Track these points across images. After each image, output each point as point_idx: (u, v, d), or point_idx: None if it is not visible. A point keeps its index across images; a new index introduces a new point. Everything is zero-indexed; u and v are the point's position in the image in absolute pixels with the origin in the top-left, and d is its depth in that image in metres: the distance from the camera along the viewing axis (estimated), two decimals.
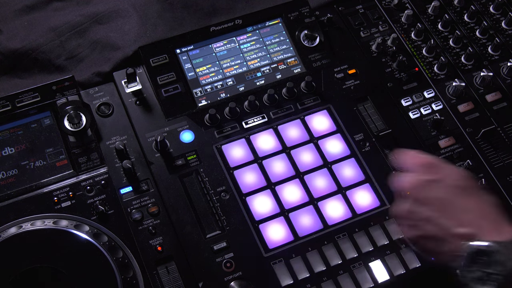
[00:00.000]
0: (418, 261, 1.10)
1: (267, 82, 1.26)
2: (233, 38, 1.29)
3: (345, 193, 1.16)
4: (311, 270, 1.08)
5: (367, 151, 1.20)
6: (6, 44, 1.30)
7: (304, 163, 1.18)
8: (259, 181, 1.16)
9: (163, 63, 1.24)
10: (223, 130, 1.20)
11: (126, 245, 1.07)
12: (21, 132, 1.15)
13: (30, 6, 1.38)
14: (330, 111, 1.24)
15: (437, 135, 1.23)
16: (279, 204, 1.14)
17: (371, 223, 1.13)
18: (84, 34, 1.33)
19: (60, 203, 1.09)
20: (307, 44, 1.29)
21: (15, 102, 1.16)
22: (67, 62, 1.31)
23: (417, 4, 1.39)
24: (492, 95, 1.28)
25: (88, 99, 1.21)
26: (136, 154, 1.16)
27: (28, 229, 1.01)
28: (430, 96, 1.28)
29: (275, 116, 1.22)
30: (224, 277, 1.07)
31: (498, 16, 1.38)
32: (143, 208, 1.11)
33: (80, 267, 1.00)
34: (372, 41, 1.33)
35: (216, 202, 1.13)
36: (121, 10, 1.35)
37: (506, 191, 1.18)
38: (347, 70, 1.29)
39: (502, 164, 1.21)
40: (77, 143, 1.14)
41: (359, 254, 1.10)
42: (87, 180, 1.12)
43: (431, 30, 1.36)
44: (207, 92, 1.24)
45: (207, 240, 1.09)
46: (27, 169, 1.12)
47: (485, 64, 1.32)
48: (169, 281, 1.06)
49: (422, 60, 1.32)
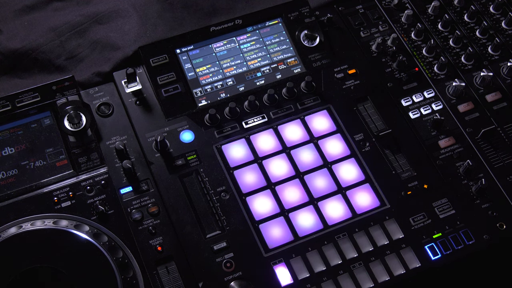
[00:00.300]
0: (418, 261, 1.10)
1: (267, 82, 1.26)
2: (233, 38, 1.29)
3: (345, 193, 1.16)
4: (311, 270, 1.08)
5: (367, 151, 1.20)
6: (6, 44, 1.31)
7: (304, 163, 1.18)
8: (259, 181, 1.16)
9: (163, 63, 1.24)
10: (223, 130, 1.20)
11: (126, 245, 1.07)
12: (21, 132, 1.15)
13: (30, 6, 1.38)
14: (330, 111, 1.24)
15: (437, 135, 1.23)
16: (279, 204, 1.14)
17: (371, 223, 1.13)
18: (84, 34, 1.33)
19: (60, 203, 1.09)
20: (307, 44, 1.29)
21: (15, 102, 1.16)
22: (67, 62, 1.31)
23: (417, 4, 1.39)
24: (492, 95, 1.28)
25: (88, 99, 1.21)
26: (136, 154, 1.16)
27: (28, 229, 1.01)
28: (430, 96, 1.28)
29: (275, 116, 1.22)
30: (224, 277, 1.07)
31: (498, 16, 1.38)
32: (143, 208, 1.11)
33: (80, 267, 1.00)
34: (372, 41, 1.33)
35: (216, 202, 1.13)
36: (121, 10, 1.35)
37: (506, 191, 1.18)
38: (347, 70, 1.29)
39: (502, 164, 1.21)
40: (77, 143, 1.14)
41: (359, 254, 1.10)
42: (87, 180, 1.12)
43: (431, 30, 1.36)
44: (207, 92, 1.24)
45: (207, 240, 1.09)
46: (27, 169, 1.12)
47: (485, 64, 1.32)
48: (169, 281, 1.06)
49: (422, 60, 1.32)
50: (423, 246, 1.11)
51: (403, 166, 1.19)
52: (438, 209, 1.15)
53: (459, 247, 1.12)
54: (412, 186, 1.17)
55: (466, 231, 1.13)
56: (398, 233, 1.12)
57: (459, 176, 1.19)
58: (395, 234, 1.12)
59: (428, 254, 1.11)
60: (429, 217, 1.14)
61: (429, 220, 1.14)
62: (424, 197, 1.16)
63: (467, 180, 1.19)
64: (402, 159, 1.20)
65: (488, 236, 1.13)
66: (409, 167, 1.19)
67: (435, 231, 1.13)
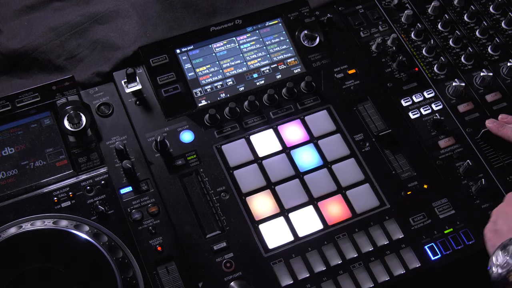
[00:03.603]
0: (418, 261, 1.10)
1: (267, 82, 1.26)
2: (233, 38, 1.29)
3: (345, 193, 1.16)
4: (311, 270, 1.08)
5: (367, 151, 1.20)
6: (6, 44, 1.30)
7: (304, 163, 1.18)
8: (259, 181, 1.16)
9: (163, 63, 1.24)
10: (223, 130, 1.20)
11: (126, 245, 1.07)
12: (21, 132, 1.15)
13: (30, 6, 1.38)
14: (330, 111, 1.24)
15: (437, 135, 1.23)
16: (279, 204, 1.14)
17: (371, 223, 1.13)
18: (84, 34, 1.33)
19: (60, 203, 1.09)
20: (307, 44, 1.29)
21: (15, 102, 1.15)
22: (67, 62, 1.31)
23: (417, 4, 1.39)
24: (492, 95, 1.28)
25: (88, 99, 1.21)
26: (136, 154, 1.16)
27: (28, 229, 1.01)
28: (430, 96, 1.28)
29: (275, 116, 1.22)
30: (224, 277, 1.07)
31: (498, 16, 1.38)
32: (143, 208, 1.11)
33: (80, 267, 1.00)
34: (372, 41, 1.33)
35: (216, 202, 1.13)
36: (121, 10, 1.35)
37: (506, 191, 1.18)
38: (347, 70, 1.29)
39: (502, 164, 1.21)
40: (77, 143, 1.14)
41: (359, 254, 1.10)
42: (87, 180, 1.12)
43: (431, 30, 1.36)
44: (207, 92, 1.24)
45: (207, 240, 1.09)
46: (27, 169, 1.12)
47: (485, 64, 1.32)
48: (169, 281, 1.06)
49: (422, 60, 1.32)
50: (423, 246, 1.11)
51: (403, 166, 1.19)
52: (438, 209, 1.15)
53: (459, 247, 1.12)
54: (412, 186, 1.17)
55: (466, 231, 1.14)
56: (398, 233, 1.12)
57: (459, 176, 1.19)
58: (395, 234, 1.12)
59: (428, 254, 1.11)
60: (429, 217, 1.14)
61: (429, 220, 1.14)
62: (424, 197, 1.16)
63: (467, 180, 1.19)
64: (402, 159, 1.20)
65: None
66: (409, 167, 1.19)
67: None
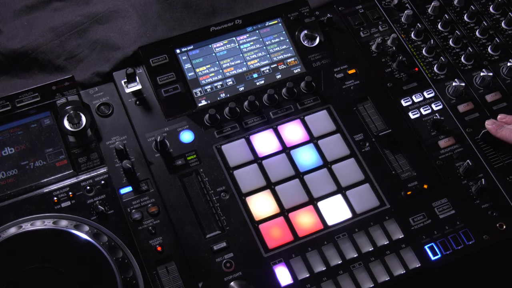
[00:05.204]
0: (418, 261, 1.10)
1: (267, 82, 1.26)
2: (233, 38, 1.29)
3: (345, 193, 1.16)
4: (311, 270, 1.08)
5: (367, 151, 1.20)
6: (6, 44, 1.30)
7: (304, 163, 1.18)
8: (259, 181, 1.16)
9: (163, 63, 1.24)
10: (223, 130, 1.20)
11: (126, 245, 1.07)
12: (21, 132, 1.15)
13: (30, 6, 1.38)
14: (330, 111, 1.24)
15: (437, 135, 1.23)
16: (279, 204, 1.14)
17: (371, 223, 1.13)
18: (84, 34, 1.33)
19: (60, 203, 1.09)
20: (307, 44, 1.29)
21: (15, 102, 1.16)
22: (67, 62, 1.31)
23: (417, 4, 1.39)
24: (492, 95, 1.28)
25: (88, 99, 1.21)
26: (136, 154, 1.16)
27: (28, 229, 1.01)
28: (430, 96, 1.28)
29: (275, 116, 1.22)
30: (224, 277, 1.07)
31: (498, 16, 1.38)
32: (143, 208, 1.11)
33: (80, 267, 1.00)
34: (372, 41, 1.33)
35: (216, 202, 1.13)
36: (121, 10, 1.35)
37: (506, 191, 1.18)
38: (347, 70, 1.29)
39: (502, 164, 1.21)
40: (77, 143, 1.14)
41: (359, 254, 1.10)
42: (87, 180, 1.12)
43: (431, 30, 1.36)
44: (207, 92, 1.24)
45: (207, 240, 1.09)
46: (27, 169, 1.12)
47: (485, 64, 1.32)
48: (169, 281, 1.06)
49: (422, 60, 1.32)
50: (423, 246, 1.11)
51: (403, 166, 1.19)
52: (438, 209, 1.15)
53: (459, 247, 1.12)
54: (412, 186, 1.17)
55: (466, 231, 1.13)
56: (398, 233, 1.12)
57: (459, 176, 1.19)
58: (395, 234, 1.12)
59: (428, 254, 1.11)
60: (429, 217, 1.14)
61: (429, 220, 1.14)
62: (424, 197, 1.16)
63: (467, 180, 1.19)
64: (402, 159, 1.20)
65: (488, 236, 1.13)
66: (409, 167, 1.19)
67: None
